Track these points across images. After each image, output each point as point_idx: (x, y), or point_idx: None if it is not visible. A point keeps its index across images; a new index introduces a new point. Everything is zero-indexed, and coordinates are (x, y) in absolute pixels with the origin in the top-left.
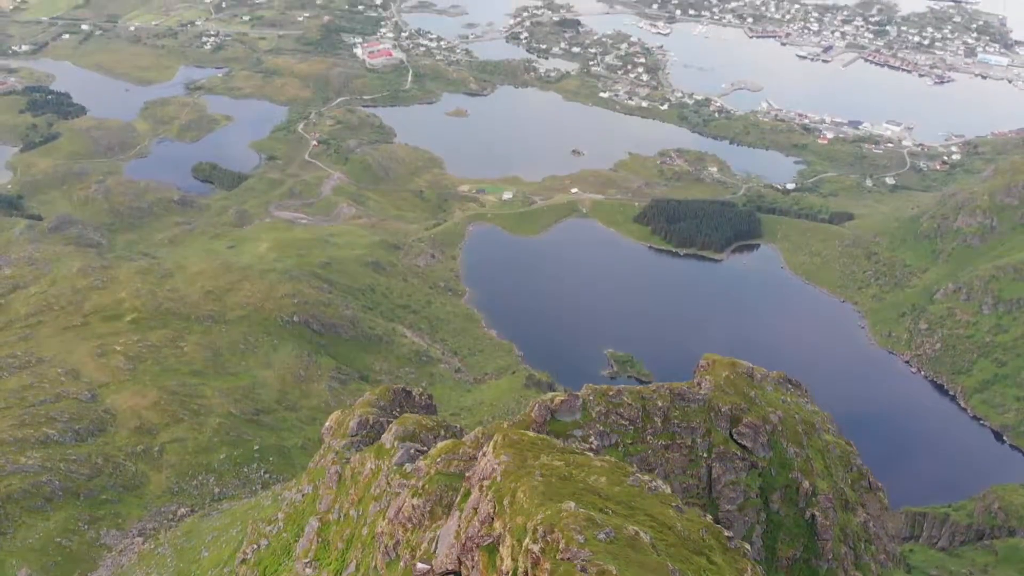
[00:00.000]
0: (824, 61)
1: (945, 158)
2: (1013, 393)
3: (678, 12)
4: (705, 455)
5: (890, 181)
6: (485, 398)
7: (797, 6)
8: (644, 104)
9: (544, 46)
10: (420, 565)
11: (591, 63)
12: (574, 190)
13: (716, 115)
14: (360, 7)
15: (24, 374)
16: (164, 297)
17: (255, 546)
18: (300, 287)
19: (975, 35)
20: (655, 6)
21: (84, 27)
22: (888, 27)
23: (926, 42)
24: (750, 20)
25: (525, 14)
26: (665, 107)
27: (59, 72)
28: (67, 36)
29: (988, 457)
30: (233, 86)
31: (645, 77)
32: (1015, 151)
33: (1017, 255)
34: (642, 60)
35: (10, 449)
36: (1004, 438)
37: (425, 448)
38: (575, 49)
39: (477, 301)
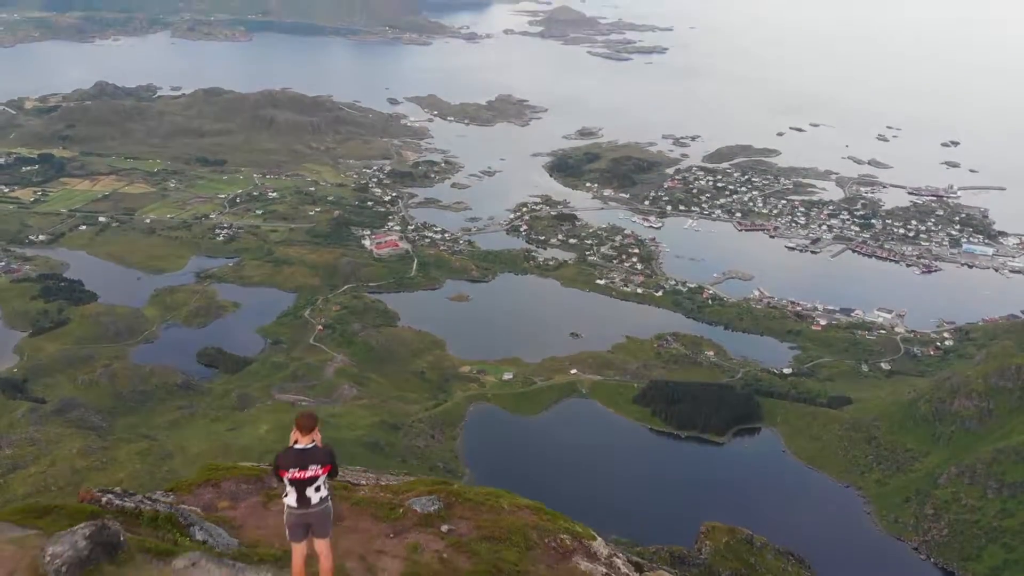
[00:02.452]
0: (813, 252)
1: (938, 344)
2: None
3: (669, 207)
4: None
5: (886, 366)
6: None
7: (784, 202)
8: (639, 291)
9: (543, 237)
10: None
11: (587, 253)
12: (573, 371)
13: (709, 302)
14: (369, 203)
15: None
16: (162, 478)
17: None
18: None
19: (958, 227)
20: (647, 202)
21: (101, 219)
22: (873, 220)
23: (911, 234)
24: (739, 215)
25: (524, 209)
26: (659, 294)
27: (73, 261)
28: (84, 227)
29: None
30: (243, 274)
31: (639, 266)
32: (1006, 336)
33: (1017, 437)
34: (636, 250)
35: None
36: None
37: None
38: (572, 240)
39: (477, 482)
